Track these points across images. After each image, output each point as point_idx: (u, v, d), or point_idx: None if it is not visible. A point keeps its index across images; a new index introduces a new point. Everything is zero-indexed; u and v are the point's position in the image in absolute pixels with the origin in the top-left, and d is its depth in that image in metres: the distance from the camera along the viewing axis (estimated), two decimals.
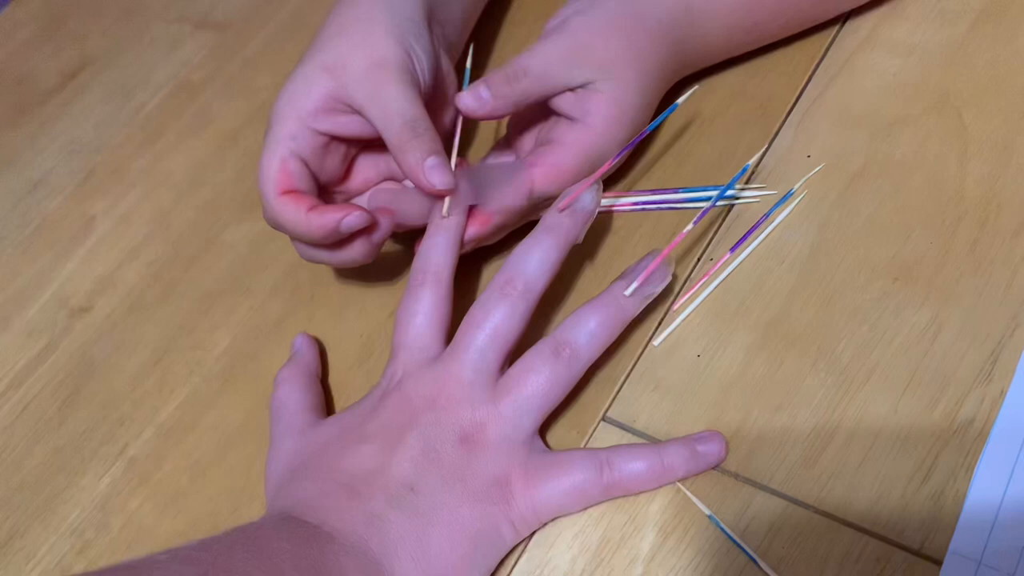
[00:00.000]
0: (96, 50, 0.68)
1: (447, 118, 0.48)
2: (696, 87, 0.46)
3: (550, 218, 0.41)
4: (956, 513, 0.36)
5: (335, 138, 0.44)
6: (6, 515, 0.46)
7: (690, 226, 0.41)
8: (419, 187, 0.42)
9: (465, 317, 0.40)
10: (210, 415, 0.47)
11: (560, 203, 0.42)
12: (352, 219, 0.41)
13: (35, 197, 0.60)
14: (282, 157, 0.43)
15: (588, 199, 0.42)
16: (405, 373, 0.40)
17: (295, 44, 0.62)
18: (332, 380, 0.46)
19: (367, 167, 0.47)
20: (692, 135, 0.49)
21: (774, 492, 0.38)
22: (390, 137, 0.42)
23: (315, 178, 0.44)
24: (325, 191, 0.46)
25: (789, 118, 0.48)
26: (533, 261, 0.40)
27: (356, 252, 0.43)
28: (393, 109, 0.41)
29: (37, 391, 0.50)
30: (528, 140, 0.48)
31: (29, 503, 0.46)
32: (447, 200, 0.42)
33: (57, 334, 0.52)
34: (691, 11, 0.46)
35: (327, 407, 0.45)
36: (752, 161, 0.43)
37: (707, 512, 0.38)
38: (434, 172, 0.41)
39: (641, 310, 0.41)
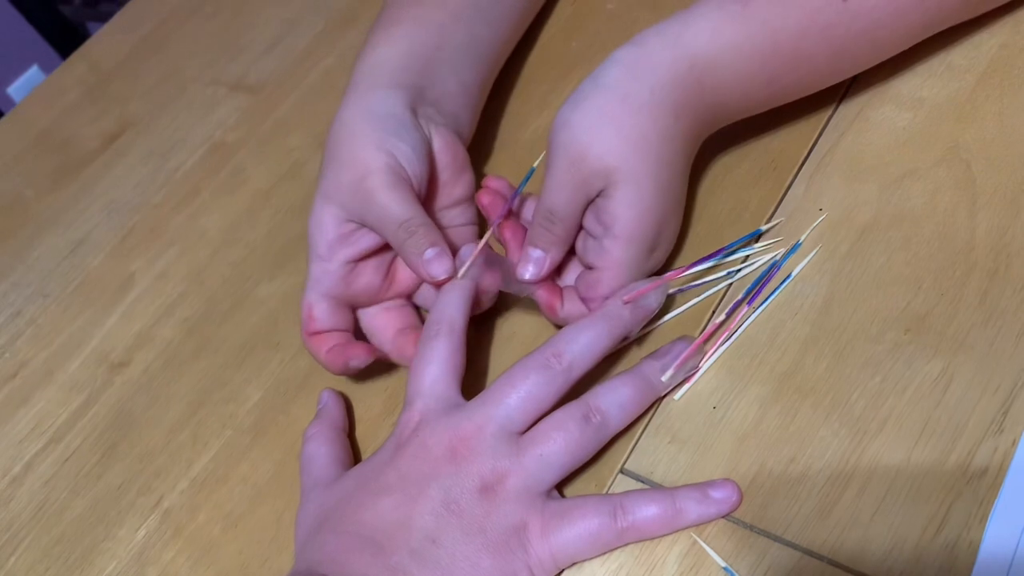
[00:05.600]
0: (136, 113, 0.71)
1: (463, 184, 0.50)
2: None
3: (612, 308, 0.43)
4: (970, 564, 0.36)
5: (361, 258, 0.47)
6: (47, 566, 0.47)
7: (722, 316, 0.44)
8: (423, 279, 0.45)
9: (503, 374, 0.41)
10: (242, 467, 0.48)
11: (626, 295, 0.43)
12: (356, 361, 0.46)
13: (78, 255, 0.63)
14: (309, 302, 0.47)
15: (653, 299, 0.44)
16: (423, 421, 0.41)
17: (325, 105, 0.65)
18: (358, 433, 0.48)
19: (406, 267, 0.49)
20: (705, 191, 0.50)
21: (789, 543, 0.39)
22: (390, 240, 0.45)
23: (349, 304, 0.48)
24: (376, 301, 0.49)
25: (800, 172, 0.49)
26: (583, 342, 0.41)
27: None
28: (386, 216, 0.44)
29: (77, 444, 0.52)
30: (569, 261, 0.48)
31: (69, 554, 0.48)
32: (465, 265, 0.45)
33: (97, 389, 0.54)
34: (696, 66, 0.43)
35: (354, 460, 0.46)
36: (765, 227, 0.46)
37: (722, 564, 0.39)
38: (432, 263, 0.44)
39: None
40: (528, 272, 0.45)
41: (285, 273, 0.56)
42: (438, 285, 0.45)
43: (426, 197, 0.48)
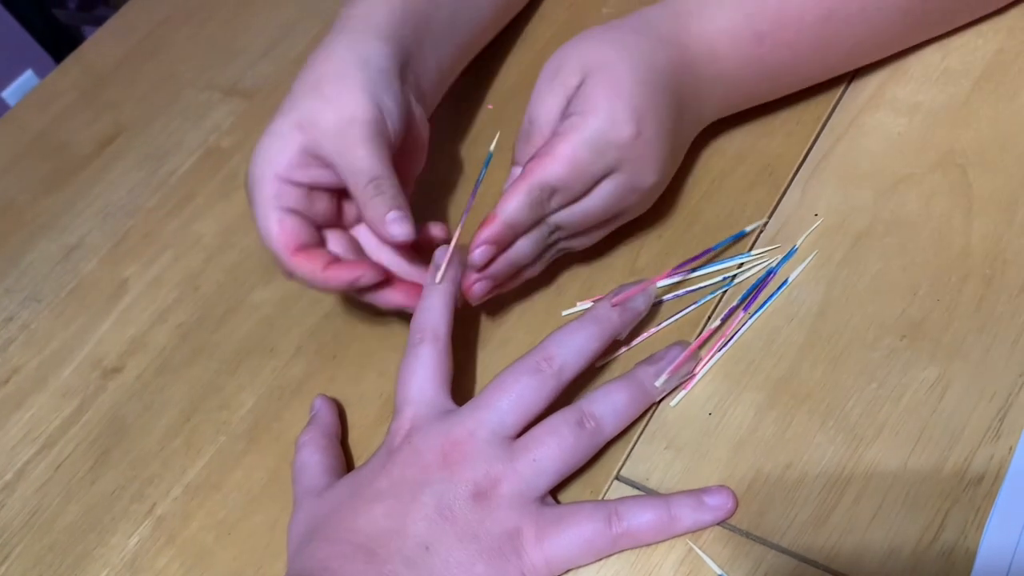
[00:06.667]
0: (131, 117, 0.71)
1: (419, 163, 0.50)
2: None
3: (601, 310, 0.43)
4: (967, 570, 0.36)
5: (315, 187, 0.46)
6: (40, 573, 0.47)
7: (718, 322, 0.44)
8: (380, 238, 0.45)
9: (494, 379, 0.41)
10: (235, 474, 0.48)
11: (614, 299, 0.43)
12: (367, 277, 0.44)
13: (71, 260, 0.62)
14: (277, 218, 0.45)
15: (640, 301, 0.44)
16: (414, 427, 0.41)
17: None
18: (352, 440, 0.48)
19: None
20: (701, 196, 0.50)
21: (785, 551, 0.38)
22: (356, 193, 0.44)
23: (313, 221, 0.46)
24: (329, 226, 0.48)
25: (796, 177, 0.49)
26: (573, 345, 0.41)
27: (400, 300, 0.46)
28: (359, 168, 0.44)
29: (70, 451, 0.52)
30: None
31: (61, 562, 0.47)
32: (441, 269, 0.44)
33: (90, 395, 0.54)
34: (680, 14, 0.45)
35: (348, 467, 0.46)
36: (750, 227, 0.46)
37: (719, 571, 0.38)
38: (394, 224, 0.43)
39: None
40: (509, 183, 0.45)
41: (280, 278, 0.55)
42: (394, 245, 0.45)
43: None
